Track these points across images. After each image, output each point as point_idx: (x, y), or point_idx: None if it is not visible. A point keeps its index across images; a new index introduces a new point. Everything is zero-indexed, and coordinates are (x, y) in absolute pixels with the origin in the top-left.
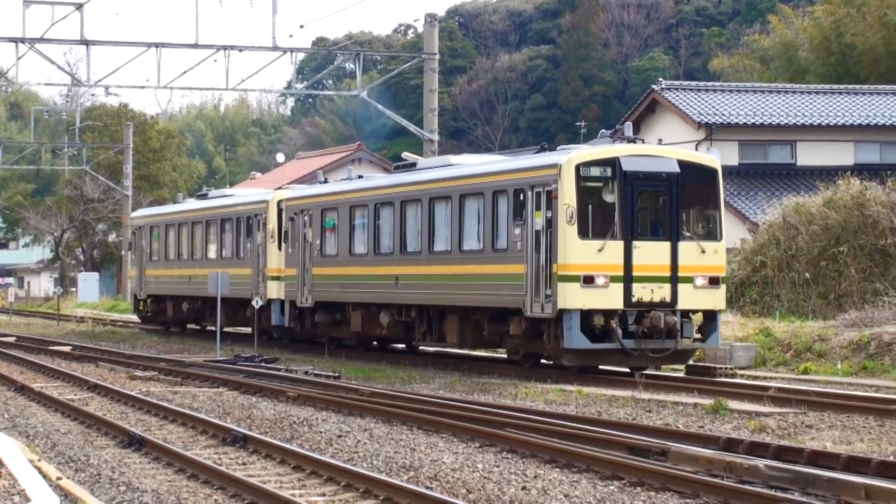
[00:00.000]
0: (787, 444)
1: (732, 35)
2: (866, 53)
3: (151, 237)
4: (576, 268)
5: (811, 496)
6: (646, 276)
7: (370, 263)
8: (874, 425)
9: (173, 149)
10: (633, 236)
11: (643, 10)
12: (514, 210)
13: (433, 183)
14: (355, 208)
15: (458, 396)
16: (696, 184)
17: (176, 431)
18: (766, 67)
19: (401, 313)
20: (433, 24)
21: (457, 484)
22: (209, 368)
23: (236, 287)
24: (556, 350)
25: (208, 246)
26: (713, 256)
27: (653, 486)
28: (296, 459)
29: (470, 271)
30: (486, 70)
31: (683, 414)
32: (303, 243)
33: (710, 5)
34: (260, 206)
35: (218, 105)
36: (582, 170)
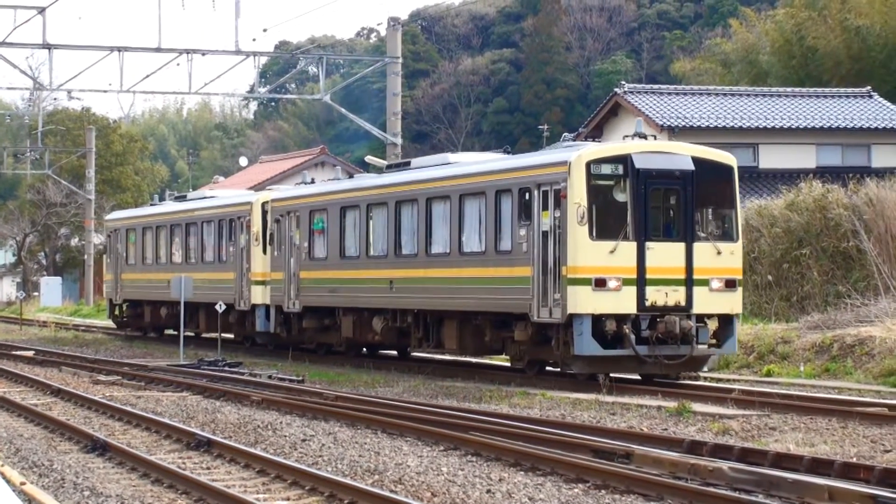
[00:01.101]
0: (750, 447)
1: (694, 39)
2: (828, 57)
3: (128, 240)
4: (587, 270)
5: (775, 498)
6: (660, 279)
7: (362, 266)
8: (837, 427)
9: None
10: (646, 237)
11: (605, 13)
12: (520, 210)
13: (431, 182)
14: (346, 209)
15: (422, 400)
16: (711, 182)
17: (139, 436)
18: (727, 71)
19: (395, 318)
20: (396, 27)
21: (421, 487)
22: (172, 373)
23: (219, 292)
24: (565, 357)
25: (189, 249)
26: (729, 258)
27: (617, 488)
28: (260, 463)
29: (471, 274)
30: (449, 73)
31: (647, 417)
32: (290, 246)
33: (672, 9)
34: (244, 207)
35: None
36: (593, 167)
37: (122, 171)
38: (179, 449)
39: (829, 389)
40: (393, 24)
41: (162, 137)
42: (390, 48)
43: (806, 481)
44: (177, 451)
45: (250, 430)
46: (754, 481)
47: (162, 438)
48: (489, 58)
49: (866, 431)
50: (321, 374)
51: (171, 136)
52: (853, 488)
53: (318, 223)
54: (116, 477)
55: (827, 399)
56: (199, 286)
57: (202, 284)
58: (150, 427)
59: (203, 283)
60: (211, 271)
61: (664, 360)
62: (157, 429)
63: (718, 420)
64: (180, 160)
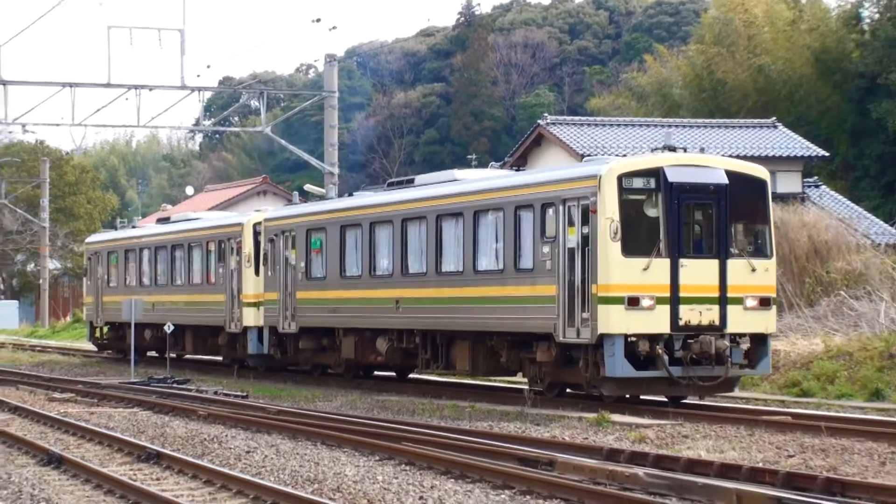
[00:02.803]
0: (664, 453)
1: (612, 73)
2: (736, 90)
3: (109, 263)
4: (619, 288)
5: (687, 501)
6: (693, 297)
7: (366, 286)
8: (745, 434)
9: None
10: (679, 253)
11: (529, 49)
12: (543, 226)
13: (441, 199)
14: (347, 228)
15: (359, 413)
16: (744, 196)
17: (93, 450)
18: (642, 104)
19: (401, 339)
20: (332, 63)
21: (358, 495)
22: (124, 390)
23: (207, 314)
24: (593, 378)
25: (174, 271)
26: (764, 275)
27: (541, 494)
28: (207, 474)
29: (487, 293)
30: (383, 106)
31: (569, 427)
32: (284, 266)
33: (592, 45)
34: (234, 228)
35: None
36: (624, 181)
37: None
38: (131, 461)
39: (737, 399)
40: (330, 60)
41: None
42: (327, 83)
43: (716, 485)
44: (128, 463)
45: (197, 443)
46: (668, 486)
47: (114, 452)
48: (421, 91)
49: (771, 438)
50: (264, 389)
51: (121, 166)
52: (760, 491)
53: (317, 242)
54: (71, 489)
55: (735, 409)
56: (185, 309)
57: (189, 307)
58: (103, 441)
59: (190, 306)
60: (199, 293)
61: (698, 381)
62: (109, 443)
63: (635, 429)
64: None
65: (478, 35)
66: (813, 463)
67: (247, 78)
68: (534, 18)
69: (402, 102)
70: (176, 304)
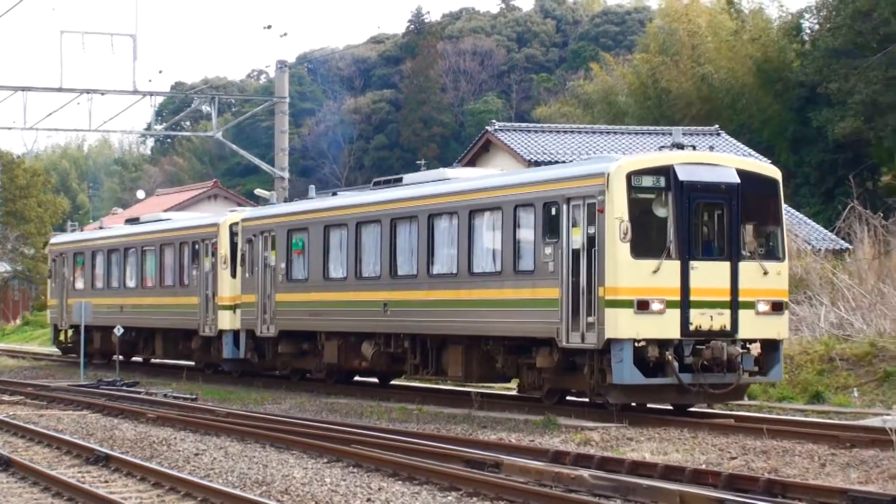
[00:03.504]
0: (609, 456)
1: (559, 81)
2: (679, 98)
3: (75, 264)
4: (628, 291)
5: (631, 502)
6: (704, 301)
7: (351, 288)
8: (688, 437)
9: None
10: (690, 255)
11: (478, 57)
12: (544, 226)
13: (433, 198)
14: (331, 228)
15: (307, 416)
16: (756, 196)
17: (41, 452)
18: (588, 112)
19: (389, 343)
20: (283, 69)
21: (306, 497)
22: (73, 392)
23: (180, 317)
24: (599, 386)
25: (145, 273)
26: (776, 279)
27: (487, 496)
28: (155, 477)
29: (483, 296)
30: (334, 112)
31: (516, 429)
32: (263, 267)
33: (539, 53)
34: (210, 229)
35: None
36: (633, 179)
37: (26, 204)
38: (79, 464)
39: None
40: (281, 66)
41: (64, 172)
42: (278, 89)
43: (659, 487)
44: (77, 465)
45: (146, 446)
46: (612, 487)
47: (63, 454)
48: (371, 98)
49: (714, 440)
50: (213, 392)
51: (72, 170)
52: (702, 493)
53: (298, 243)
54: (19, 491)
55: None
56: (156, 312)
57: (160, 310)
58: (52, 444)
59: (161, 309)
60: (171, 296)
61: (709, 389)
62: (58, 445)
63: (581, 431)
64: (81, 193)
65: (427, 42)
66: (755, 465)
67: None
68: (482, 27)
69: (353, 108)
70: (146, 306)
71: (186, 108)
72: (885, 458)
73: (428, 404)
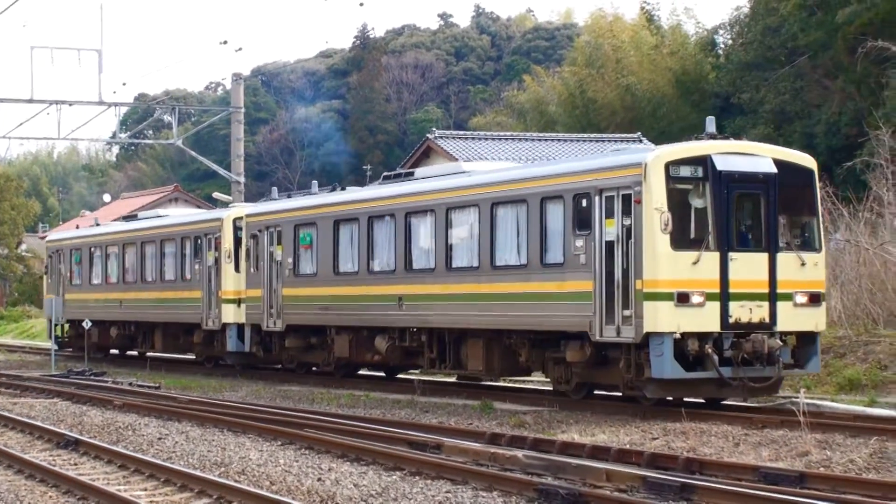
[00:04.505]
0: (541, 437)
1: (494, 92)
2: (605, 107)
3: (72, 260)
4: (668, 284)
5: (562, 480)
6: (743, 294)
7: (363, 282)
8: (614, 419)
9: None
10: (728, 247)
11: (419, 70)
12: (574, 218)
13: (452, 191)
14: (341, 222)
15: (263, 402)
16: (792, 186)
17: (15, 437)
18: (520, 120)
19: (404, 337)
20: (239, 81)
21: (262, 477)
22: (45, 382)
23: (181, 311)
24: (636, 380)
25: (145, 268)
26: (813, 270)
27: (429, 475)
28: (121, 459)
29: (508, 290)
30: (286, 121)
31: (455, 413)
32: (269, 262)
33: (476, 67)
34: (213, 224)
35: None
36: (671, 169)
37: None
38: (50, 448)
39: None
40: (236, 79)
41: (35, 177)
42: (234, 100)
43: (587, 465)
44: (48, 450)
45: (113, 431)
46: (544, 466)
47: (35, 439)
48: (320, 108)
49: (638, 423)
50: (175, 381)
51: (43, 175)
52: (627, 470)
53: (306, 238)
54: None
55: (606, 396)
56: (157, 306)
57: (161, 304)
58: (25, 429)
59: (163, 303)
60: (172, 290)
61: (749, 382)
62: (30, 431)
63: (515, 415)
64: (51, 197)
65: (372, 56)
66: (674, 444)
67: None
68: (423, 42)
69: (303, 117)
70: (146, 300)
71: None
72: (793, 438)
73: (374, 391)
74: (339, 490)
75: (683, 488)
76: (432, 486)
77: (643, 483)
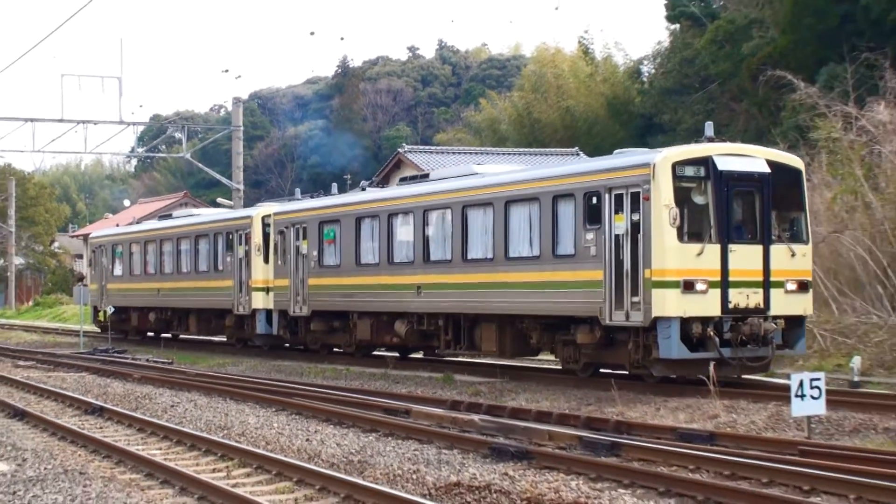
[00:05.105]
0: (494, 404)
1: (455, 113)
2: (548, 126)
3: (113, 254)
4: (675, 273)
5: (511, 439)
6: (741, 282)
7: (384, 272)
8: (555, 389)
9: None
10: (728, 239)
11: (391, 94)
12: (585, 214)
13: (468, 191)
14: (363, 219)
15: (260, 375)
16: (783, 184)
17: (49, 405)
18: (477, 137)
19: (421, 322)
20: (238, 104)
21: (259, 438)
22: (74, 358)
23: (214, 298)
24: (644, 360)
25: (180, 260)
26: (801, 260)
27: (400, 436)
28: (140, 424)
29: (521, 279)
30: (278, 138)
31: (422, 384)
32: (295, 255)
33: (439, 91)
34: (244, 221)
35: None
36: (677, 169)
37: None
38: (80, 414)
39: (549, 362)
40: (236, 102)
41: (65, 185)
42: (234, 119)
43: (533, 427)
44: (78, 415)
45: (132, 399)
46: (497, 428)
47: (66, 407)
48: (307, 126)
49: (574, 392)
50: (185, 357)
51: (72, 184)
52: (566, 431)
53: (330, 233)
54: (32, 436)
55: (548, 369)
56: (192, 294)
57: (196, 292)
58: (57, 398)
59: (196, 291)
60: (206, 280)
61: (747, 361)
62: (62, 399)
63: (472, 385)
64: (79, 202)
65: (351, 83)
66: (606, 410)
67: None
68: (394, 70)
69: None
70: (181, 289)
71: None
72: (705, 403)
73: (354, 366)
74: (324, 449)
75: (613, 446)
76: (402, 445)
77: (579, 441)
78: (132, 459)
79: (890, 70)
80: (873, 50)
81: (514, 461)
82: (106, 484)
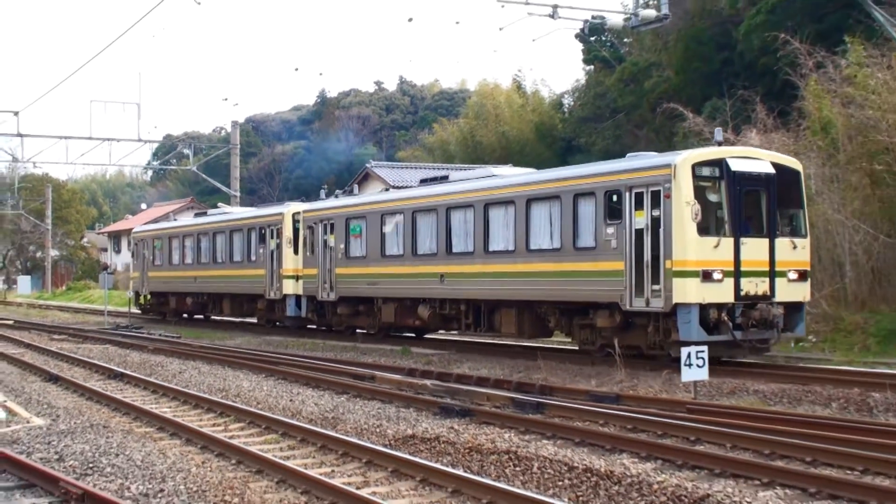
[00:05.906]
0: (443, 371)
1: (412, 135)
2: (487, 147)
3: (154, 247)
4: (695, 263)
5: (457, 400)
6: (751, 271)
7: (408, 263)
8: (493, 360)
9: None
10: (740, 233)
11: (361, 119)
12: (606, 210)
13: (490, 190)
14: (387, 216)
15: (252, 348)
16: (785, 183)
17: (78, 371)
18: (430, 155)
19: (444, 307)
20: (236, 126)
21: (251, 399)
22: (99, 333)
23: (248, 284)
24: (663, 342)
25: (216, 252)
26: (801, 252)
27: (366, 397)
28: (153, 387)
29: (542, 269)
30: (268, 154)
31: (385, 355)
32: (324, 248)
33: (400, 118)
34: (276, 217)
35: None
36: (696, 169)
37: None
38: (104, 379)
39: (493, 337)
40: (234, 124)
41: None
42: (232, 139)
43: (475, 390)
44: (102, 380)
45: (147, 367)
46: (445, 391)
47: (93, 372)
48: (293, 145)
49: (509, 362)
50: (191, 332)
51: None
52: (501, 393)
53: (356, 229)
54: (64, 396)
55: (488, 343)
56: (227, 280)
57: (231, 279)
58: (85, 366)
59: (231, 279)
60: (240, 269)
61: (756, 343)
62: (89, 366)
63: (426, 356)
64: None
65: (328, 110)
66: (533, 376)
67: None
68: (363, 100)
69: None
70: (217, 276)
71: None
72: (612, 371)
73: (329, 340)
74: (304, 407)
75: (539, 405)
76: (369, 405)
77: (512, 402)
78: (147, 416)
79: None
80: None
81: (459, 418)
82: (125, 436)
